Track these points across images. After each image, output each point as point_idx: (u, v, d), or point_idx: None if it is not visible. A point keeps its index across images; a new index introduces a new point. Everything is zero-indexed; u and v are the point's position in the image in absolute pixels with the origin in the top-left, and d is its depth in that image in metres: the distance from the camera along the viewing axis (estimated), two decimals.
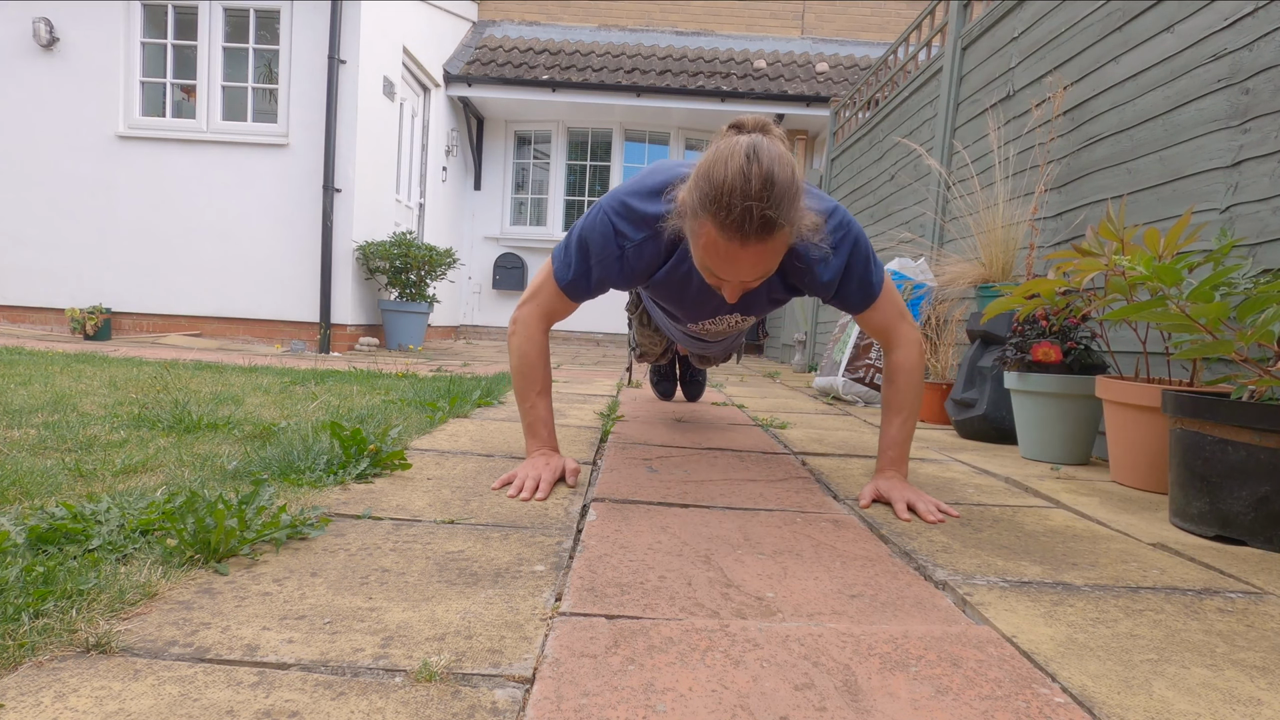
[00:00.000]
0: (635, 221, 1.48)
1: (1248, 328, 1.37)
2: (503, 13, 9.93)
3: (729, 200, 1.18)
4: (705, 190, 1.22)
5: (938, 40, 4.19)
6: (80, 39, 5.94)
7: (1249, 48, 1.89)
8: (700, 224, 1.25)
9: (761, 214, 1.18)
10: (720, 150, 1.23)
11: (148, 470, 1.44)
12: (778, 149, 1.22)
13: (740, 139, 1.23)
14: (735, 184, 1.17)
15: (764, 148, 1.20)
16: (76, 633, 0.75)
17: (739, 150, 1.20)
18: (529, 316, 1.61)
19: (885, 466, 1.58)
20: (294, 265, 5.93)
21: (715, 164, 1.22)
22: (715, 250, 1.26)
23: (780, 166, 1.20)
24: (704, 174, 1.23)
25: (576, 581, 1.00)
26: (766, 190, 1.17)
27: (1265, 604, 1.05)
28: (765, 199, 1.17)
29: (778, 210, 1.19)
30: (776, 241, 1.24)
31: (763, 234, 1.21)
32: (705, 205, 1.22)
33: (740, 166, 1.18)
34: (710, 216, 1.22)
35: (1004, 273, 2.78)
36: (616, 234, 1.48)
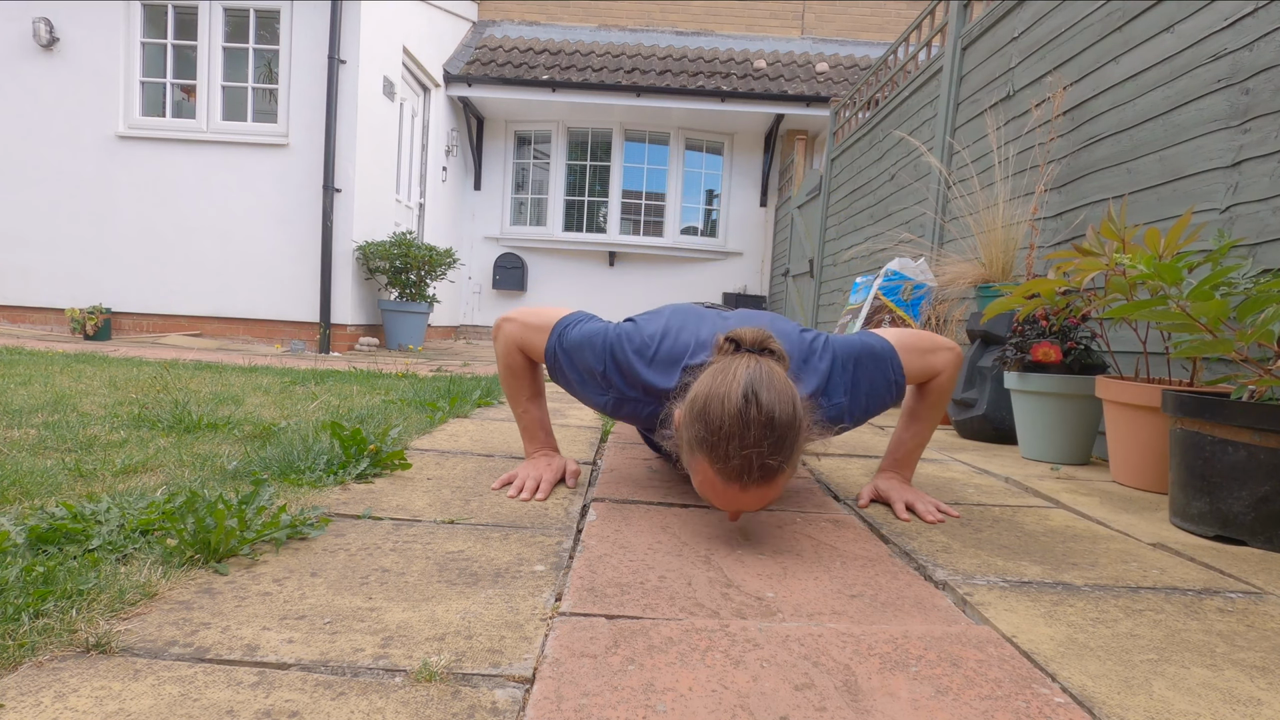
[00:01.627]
0: (631, 383, 1.40)
1: (1248, 327, 1.37)
2: (503, 13, 9.93)
3: (727, 448, 1.10)
4: (700, 431, 1.13)
5: (938, 40, 4.19)
6: (80, 39, 5.94)
7: (1249, 48, 1.89)
8: (696, 461, 1.16)
9: (762, 463, 1.10)
10: (717, 385, 1.14)
11: (148, 470, 1.44)
12: (778, 381, 1.14)
13: (739, 372, 1.14)
14: (733, 431, 1.09)
15: (763, 385, 1.11)
16: (76, 633, 0.75)
17: (736, 390, 1.11)
18: (510, 336, 1.53)
19: (888, 467, 1.58)
20: (294, 265, 5.93)
21: (711, 401, 1.12)
22: (713, 488, 1.17)
23: (781, 405, 1.11)
24: (700, 411, 1.13)
25: (576, 581, 1.00)
26: (767, 437, 1.09)
27: (1265, 604, 1.05)
28: (765, 446, 1.09)
29: (778, 457, 1.11)
30: (779, 482, 1.16)
31: (763, 480, 1.12)
32: (701, 446, 1.13)
33: (738, 411, 1.09)
34: (707, 460, 1.13)
35: (1004, 273, 2.78)
36: (605, 379, 1.40)
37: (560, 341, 1.45)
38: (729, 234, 9.16)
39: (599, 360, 1.40)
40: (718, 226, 9.24)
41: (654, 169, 9.15)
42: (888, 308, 3.19)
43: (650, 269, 9.16)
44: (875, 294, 3.22)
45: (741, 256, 9.17)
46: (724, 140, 9.13)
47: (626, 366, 1.39)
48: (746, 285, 9.16)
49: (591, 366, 1.41)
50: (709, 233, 9.32)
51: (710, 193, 9.30)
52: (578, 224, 9.23)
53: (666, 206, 9.12)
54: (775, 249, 8.87)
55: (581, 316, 1.48)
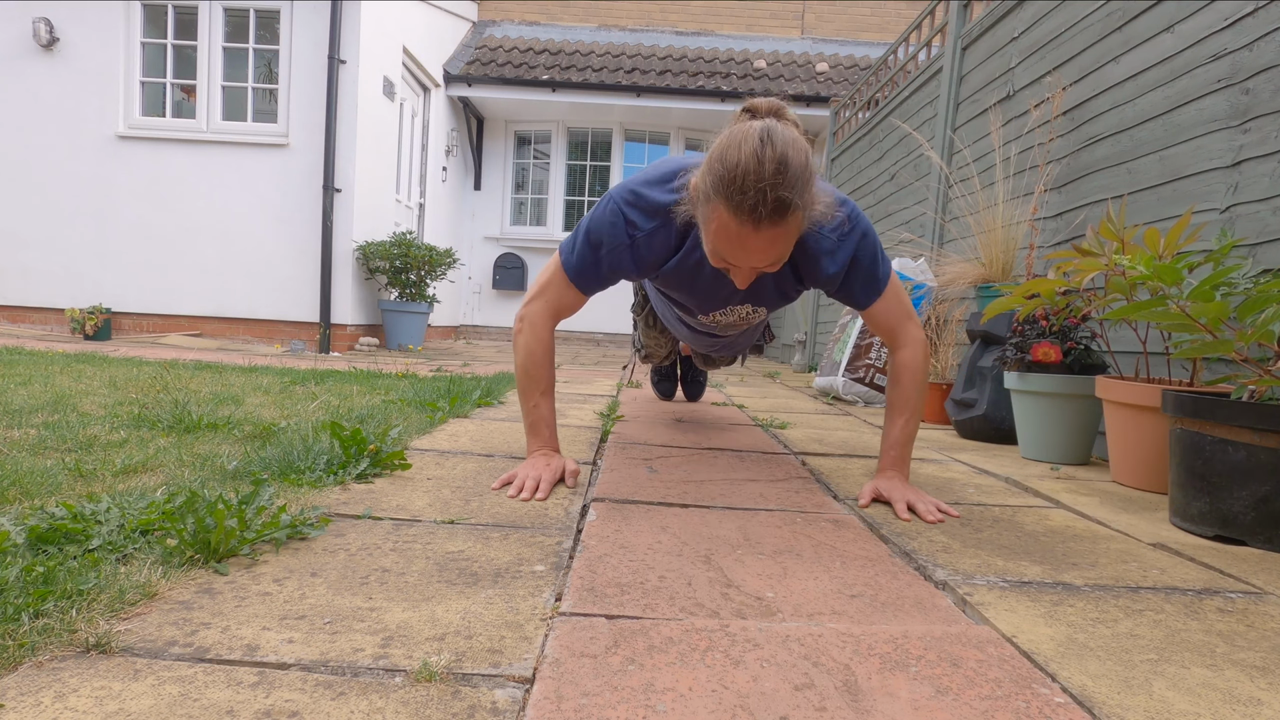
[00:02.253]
0: (646, 210, 1.48)
1: (1248, 327, 1.37)
2: (503, 13, 9.93)
3: (743, 183, 1.17)
4: (719, 174, 1.20)
5: (938, 40, 4.19)
6: (80, 39, 5.94)
7: (1249, 48, 1.89)
8: (713, 208, 1.24)
9: (776, 196, 1.17)
10: (734, 134, 1.22)
11: (148, 470, 1.44)
12: (791, 133, 1.22)
13: (754, 124, 1.22)
14: (749, 167, 1.16)
15: (778, 132, 1.20)
16: (76, 633, 0.75)
17: (753, 134, 1.19)
18: (536, 314, 1.59)
19: (886, 467, 1.58)
20: (294, 265, 5.93)
21: (729, 148, 1.21)
22: (728, 234, 1.24)
23: (794, 150, 1.19)
24: (717, 158, 1.22)
25: (576, 581, 1.00)
26: (780, 173, 1.17)
27: (1265, 604, 1.05)
28: (779, 182, 1.17)
29: (791, 192, 1.18)
30: (790, 225, 1.23)
31: (776, 217, 1.20)
32: (718, 189, 1.21)
33: (754, 150, 1.17)
34: (723, 200, 1.21)
35: (1004, 273, 2.78)
36: (627, 223, 1.48)
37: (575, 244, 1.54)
38: None
39: (614, 215, 1.48)
40: None
41: None
42: None
43: None
44: None
45: None
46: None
47: (639, 199, 1.47)
48: None
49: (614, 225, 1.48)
50: None
51: None
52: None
53: None
54: None
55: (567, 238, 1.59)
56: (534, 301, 1.60)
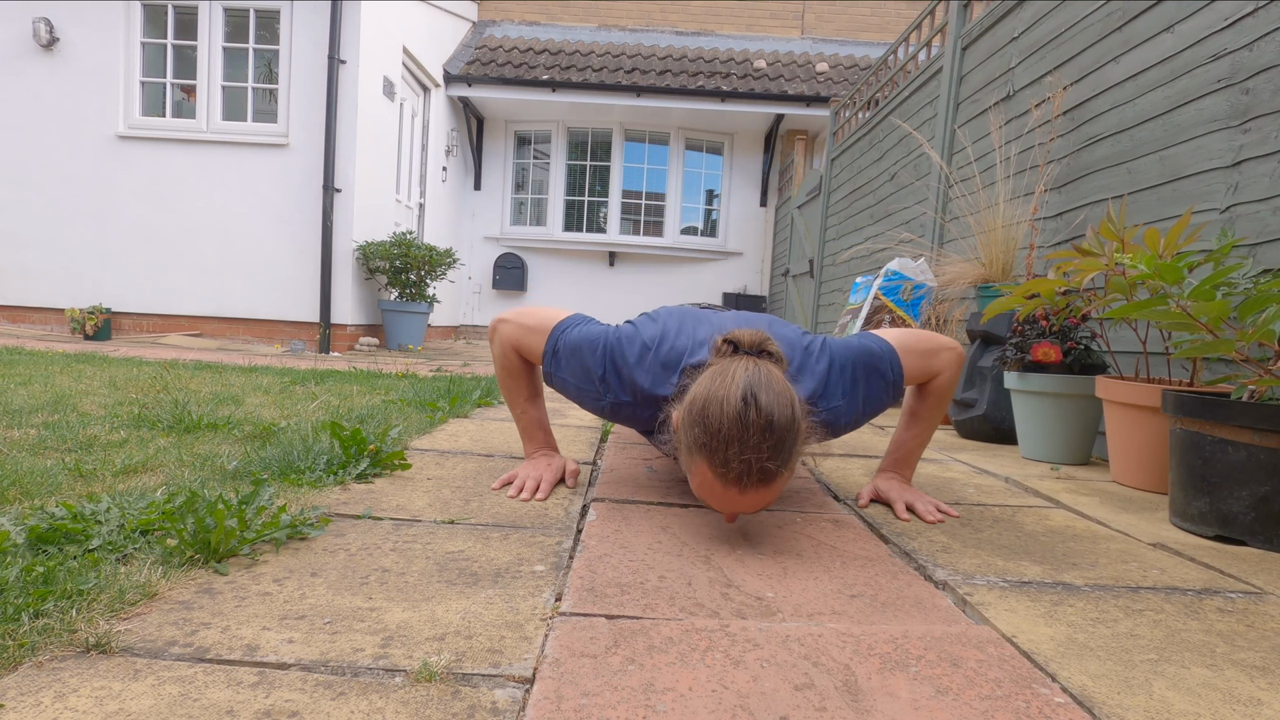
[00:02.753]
0: (626, 388, 1.39)
1: (1248, 327, 1.37)
2: (503, 13, 9.93)
3: (726, 453, 1.10)
4: (699, 435, 1.13)
5: (938, 40, 4.19)
6: (80, 39, 5.94)
7: (1249, 48, 1.89)
8: (695, 463, 1.16)
9: (760, 466, 1.10)
10: (715, 387, 1.13)
11: (148, 470, 1.44)
12: (776, 384, 1.13)
13: (737, 375, 1.13)
14: (732, 434, 1.09)
15: (762, 388, 1.11)
16: (76, 633, 0.75)
17: (735, 393, 1.10)
18: (506, 337, 1.51)
19: (888, 467, 1.58)
20: (294, 265, 5.93)
21: (710, 404, 1.12)
22: (711, 491, 1.17)
23: (779, 408, 1.11)
24: (699, 414, 1.13)
25: (576, 581, 1.00)
26: (765, 440, 1.09)
27: (1265, 604, 1.05)
28: (764, 450, 1.09)
29: (777, 460, 1.11)
30: (778, 484, 1.16)
31: (762, 483, 1.13)
32: (700, 450, 1.13)
33: (737, 414, 1.09)
34: (705, 463, 1.13)
35: (1004, 273, 2.78)
36: (603, 382, 1.40)
37: (558, 345, 1.43)
38: (729, 234, 9.16)
39: (598, 364, 1.39)
40: (718, 226, 9.24)
41: (654, 169, 9.15)
42: (888, 308, 3.19)
43: (650, 269, 9.16)
44: (875, 294, 3.23)
45: (741, 256, 9.17)
46: (724, 140, 9.13)
47: (625, 371, 1.38)
48: (746, 285, 9.16)
49: (590, 370, 1.40)
50: (709, 233, 9.32)
51: (710, 193, 9.30)
52: (578, 224, 9.23)
53: (666, 206, 9.12)
54: (775, 249, 8.87)
55: (579, 319, 1.46)
56: (512, 324, 1.51)
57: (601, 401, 1.42)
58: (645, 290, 9.04)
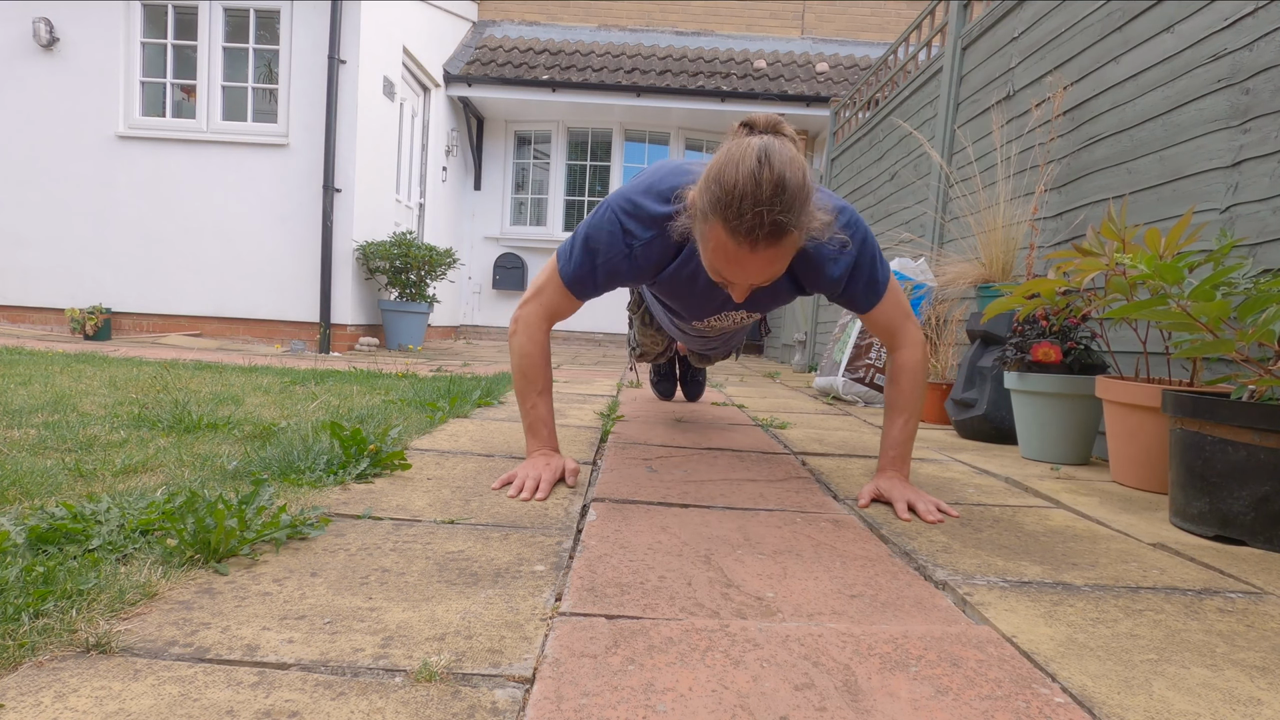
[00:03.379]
0: (643, 220, 1.48)
1: (1248, 327, 1.37)
2: (503, 13, 9.93)
3: (740, 205, 1.17)
4: (716, 194, 1.21)
5: (938, 40, 4.19)
6: (80, 39, 5.94)
7: (1249, 48, 1.89)
8: (710, 227, 1.25)
9: (772, 219, 1.17)
10: (731, 153, 1.22)
11: (148, 470, 1.44)
12: (789, 152, 1.22)
13: (752, 141, 1.22)
14: (746, 188, 1.17)
15: (775, 151, 1.19)
16: (76, 633, 0.75)
17: (750, 153, 1.19)
18: (531, 315, 1.60)
19: (886, 466, 1.58)
20: (294, 265, 5.93)
21: (726, 167, 1.21)
22: (725, 253, 1.25)
23: (792, 170, 1.19)
24: (715, 177, 1.22)
25: (576, 581, 1.00)
26: (778, 195, 1.17)
27: (1265, 604, 1.05)
28: (776, 204, 1.17)
29: (788, 215, 1.19)
30: (786, 245, 1.24)
31: (773, 239, 1.20)
32: (715, 209, 1.21)
33: (752, 170, 1.17)
34: (720, 220, 1.21)
35: (1004, 273, 2.78)
36: (625, 232, 1.48)
37: (572, 251, 1.53)
38: None
39: (612, 224, 1.48)
40: None
41: None
42: None
43: None
44: None
45: None
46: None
47: (638, 208, 1.47)
48: None
49: (611, 233, 1.48)
50: None
51: None
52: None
53: None
54: None
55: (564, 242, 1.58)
56: (529, 304, 1.61)
57: (632, 250, 1.49)
58: None
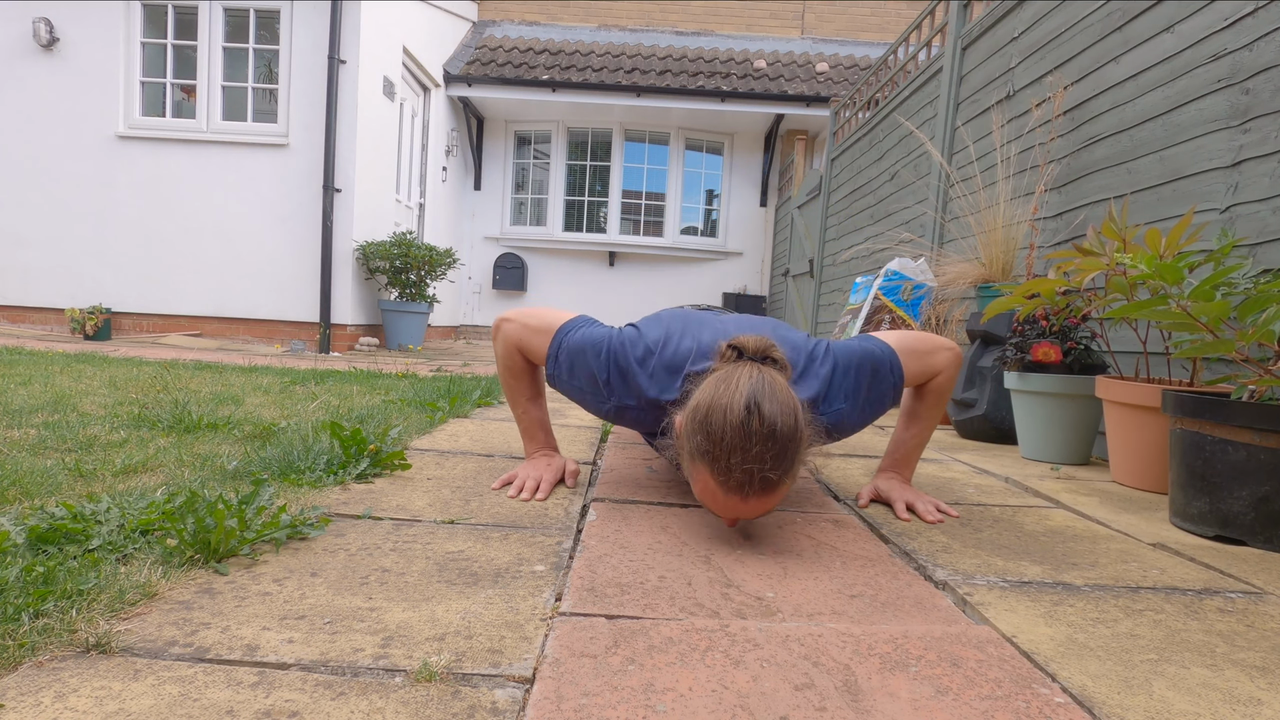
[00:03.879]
0: (633, 392, 1.39)
1: (1248, 327, 1.37)
2: (503, 13, 9.93)
3: (728, 460, 1.10)
4: (702, 442, 1.13)
5: (938, 40, 4.19)
6: (80, 39, 5.94)
7: (1249, 48, 1.89)
8: (697, 469, 1.17)
9: (763, 476, 1.11)
10: (719, 395, 1.14)
11: (148, 470, 1.44)
12: (780, 392, 1.14)
13: (741, 382, 1.14)
14: (735, 443, 1.09)
15: (765, 396, 1.12)
16: (76, 633, 0.75)
17: (739, 401, 1.11)
18: (510, 337, 1.51)
19: (888, 467, 1.58)
20: (294, 265, 5.93)
21: (713, 412, 1.12)
22: (714, 497, 1.17)
23: (783, 417, 1.11)
24: (702, 421, 1.14)
25: (576, 581, 1.00)
26: (768, 449, 1.10)
27: (1265, 604, 1.05)
28: (766, 460, 1.10)
29: (779, 469, 1.12)
30: (779, 493, 1.17)
31: (763, 492, 1.13)
32: (702, 457, 1.14)
33: (740, 422, 1.09)
34: (708, 470, 1.14)
35: (1004, 273, 2.78)
36: (607, 385, 1.40)
37: (561, 348, 1.43)
38: (729, 234, 9.16)
39: (601, 368, 1.39)
40: (718, 226, 9.24)
41: (654, 169, 9.15)
42: (888, 308, 3.19)
43: (650, 269, 9.16)
44: (875, 294, 3.22)
45: (742, 256, 9.17)
46: (724, 140, 9.13)
47: (629, 375, 1.38)
48: (747, 285, 9.16)
49: (594, 373, 1.40)
50: (709, 233, 9.32)
51: (710, 193, 9.30)
52: (578, 224, 9.23)
53: (666, 206, 9.12)
54: (775, 249, 8.87)
55: (583, 321, 1.46)
56: (515, 324, 1.51)
57: (605, 405, 1.43)
58: (645, 290, 9.04)
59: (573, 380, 1.44)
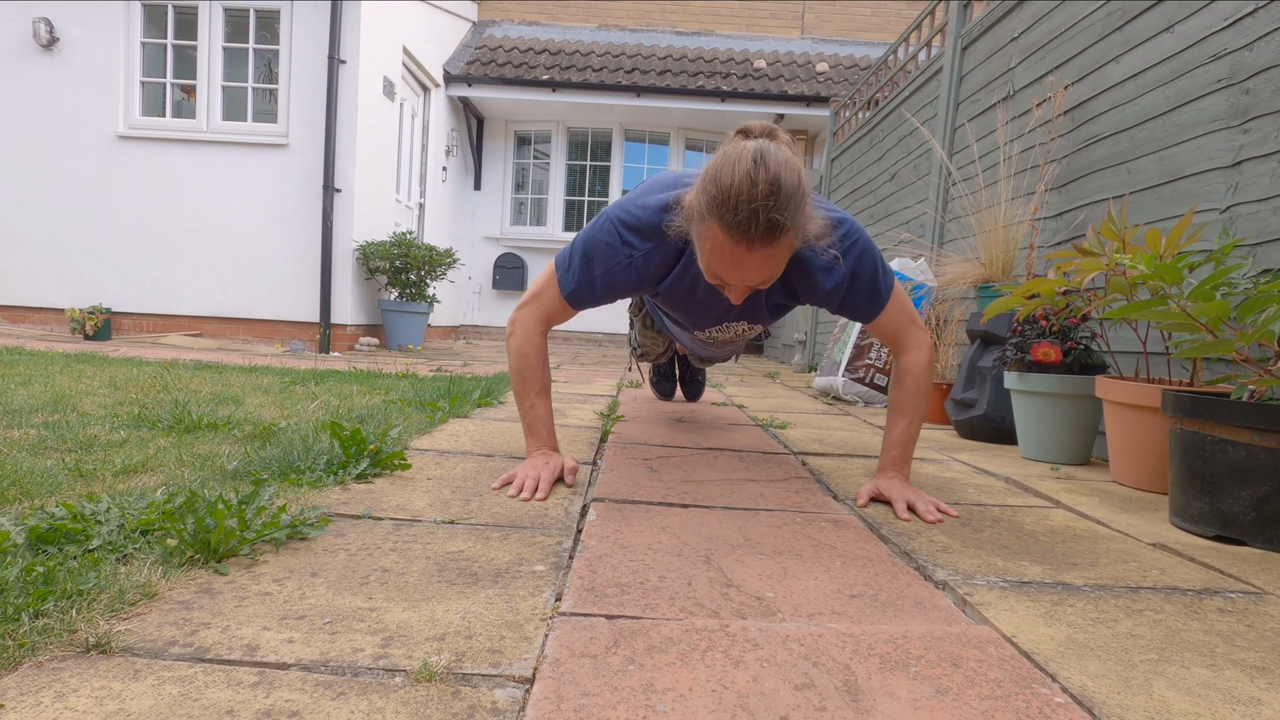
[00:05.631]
0: (641, 231, 1.49)
1: (1248, 327, 1.37)
2: (503, 13, 9.93)
3: (735, 204, 1.19)
4: (712, 194, 1.23)
5: (938, 40, 4.19)
6: (80, 39, 5.94)
7: (1249, 48, 1.89)
8: (707, 227, 1.27)
9: (768, 218, 1.19)
10: (727, 155, 1.25)
11: (148, 470, 1.44)
12: (785, 154, 1.24)
13: (747, 144, 1.24)
14: (742, 188, 1.19)
15: (771, 152, 1.22)
16: (76, 633, 0.75)
17: (746, 155, 1.21)
18: (528, 318, 1.61)
19: (886, 467, 1.58)
20: (294, 265, 5.93)
21: (722, 168, 1.23)
22: (721, 253, 1.27)
23: (787, 171, 1.21)
24: (711, 178, 1.24)
25: (576, 581, 1.00)
26: (773, 194, 1.19)
27: (1265, 604, 1.05)
28: (771, 203, 1.19)
29: (784, 214, 1.21)
30: (782, 245, 1.26)
31: (768, 237, 1.22)
32: (712, 209, 1.23)
33: (747, 171, 1.19)
34: (717, 220, 1.23)
35: (1004, 273, 2.78)
36: (624, 243, 1.49)
37: (572, 256, 1.53)
38: None
39: (610, 235, 1.49)
40: None
41: (654, 169, 9.14)
42: None
43: None
44: None
45: None
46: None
47: (634, 219, 1.48)
48: None
49: (608, 244, 1.49)
50: None
51: None
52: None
53: None
54: None
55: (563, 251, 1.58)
56: (527, 306, 1.62)
57: (633, 261, 1.50)
58: None
59: (594, 268, 1.52)
